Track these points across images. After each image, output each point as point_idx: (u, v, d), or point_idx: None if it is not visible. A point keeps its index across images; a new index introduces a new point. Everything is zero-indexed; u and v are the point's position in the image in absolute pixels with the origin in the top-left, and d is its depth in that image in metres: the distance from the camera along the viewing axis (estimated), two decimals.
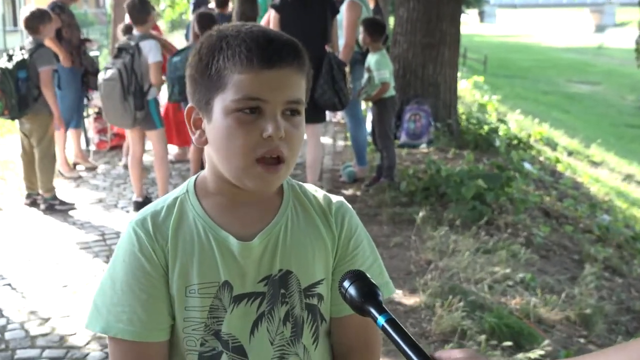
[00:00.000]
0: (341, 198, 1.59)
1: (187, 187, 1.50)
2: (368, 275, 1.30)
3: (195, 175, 1.52)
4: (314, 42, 5.92)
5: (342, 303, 1.49)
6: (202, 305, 1.42)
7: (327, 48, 6.08)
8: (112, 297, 1.42)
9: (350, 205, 1.60)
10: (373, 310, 1.24)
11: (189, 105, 1.45)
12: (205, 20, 6.57)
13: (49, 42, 7.02)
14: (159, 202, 1.49)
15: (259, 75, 1.33)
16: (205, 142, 1.43)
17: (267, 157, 1.35)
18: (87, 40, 8.46)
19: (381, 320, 1.22)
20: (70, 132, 8.05)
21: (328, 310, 1.55)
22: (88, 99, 8.28)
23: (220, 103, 1.36)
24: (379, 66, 6.67)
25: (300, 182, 1.59)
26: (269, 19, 6.18)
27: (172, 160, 8.43)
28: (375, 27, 6.79)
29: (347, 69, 6.17)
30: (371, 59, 6.76)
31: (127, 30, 7.39)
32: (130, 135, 6.54)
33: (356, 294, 1.27)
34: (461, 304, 4.17)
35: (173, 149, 8.46)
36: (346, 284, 1.29)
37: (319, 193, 1.58)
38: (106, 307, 1.42)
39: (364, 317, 1.26)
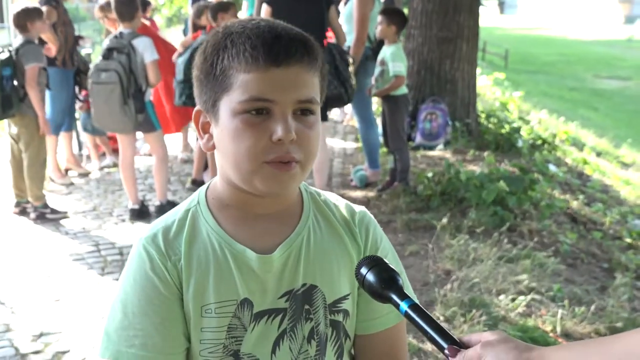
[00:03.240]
0: (363, 208, 1.60)
1: (198, 198, 1.49)
2: (386, 261, 1.32)
3: (206, 185, 1.52)
4: (311, 35, 5.96)
5: (370, 319, 1.53)
6: (219, 326, 1.41)
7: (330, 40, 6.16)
8: (123, 321, 1.40)
9: (372, 216, 1.60)
10: (394, 297, 1.26)
11: (197, 108, 1.45)
12: (217, 7, 6.60)
13: (45, 34, 7.10)
14: (170, 216, 1.48)
15: (265, 75, 1.32)
16: (213, 147, 1.42)
17: (278, 162, 1.35)
18: (80, 37, 8.50)
19: (404, 306, 1.24)
20: (62, 136, 8.08)
21: (353, 327, 1.54)
22: (80, 100, 8.30)
23: (227, 104, 1.35)
24: (395, 58, 6.68)
25: (319, 190, 1.59)
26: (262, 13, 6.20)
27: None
28: (399, 17, 6.84)
29: (350, 60, 6.21)
30: (387, 51, 6.76)
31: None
32: (120, 139, 6.54)
33: (375, 281, 1.28)
34: (483, 317, 4.17)
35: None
36: (364, 270, 1.30)
37: (340, 202, 1.58)
38: (117, 332, 1.40)
39: (384, 303, 1.28)
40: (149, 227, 1.47)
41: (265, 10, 6.02)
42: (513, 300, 4.61)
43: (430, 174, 7.03)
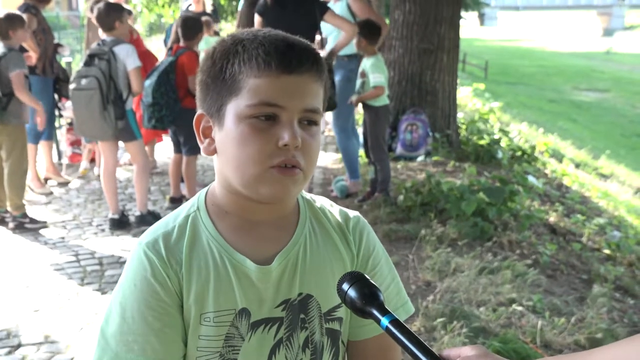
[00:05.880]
0: (357, 213, 1.60)
1: (197, 203, 1.49)
2: (367, 276, 1.32)
3: (205, 190, 1.52)
4: None
5: (361, 326, 1.53)
6: (217, 334, 1.41)
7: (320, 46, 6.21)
8: (122, 325, 1.39)
9: (366, 221, 1.61)
10: (375, 312, 1.27)
11: (199, 112, 1.45)
12: (192, 24, 6.63)
13: (27, 42, 7.08)
14: (169, 221, 1.48)
15: (276, 80, 1.34)
16: (214, 151, 1.43)
17: (282, 166, 1.36)
18: (59, 45, 8.47)
19: (385, 321, 1.25)
20: (41, 145, 8.02)
21: (346, 333, 1.56)
22: (59, 109, 8.27)
23: (234, 108, 1.36)
24: (375, 69, 6.70)
25: (314, 196, 1.60)
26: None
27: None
28: (369, 30, 6.83)
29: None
30: (366, 63, 6.79)
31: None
32: (102, 147, 6.51)
33: (356, 296, 1.29)
34: (464, 328, 4.18)
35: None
36: (345, 286, 1.31)
37: (335, 208, 1.59)
38: (115, 337, 1.39)
39: (365, 319, 1.29)
40: (148, 232, 1.46)
41: (257, 21, 6.07)
42: (494, 311, 4.62)
43: (410, 185, 7.05)
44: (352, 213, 1.59)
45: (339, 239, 1.53)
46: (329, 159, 9.34)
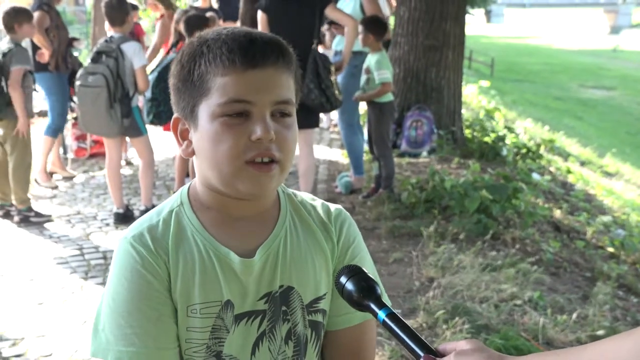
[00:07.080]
0: (339, 206, 1.61)
1: (180, 198, 1.51)
2: (365, 270, 1.33)
3: (187, 186, 1.53)
4: (299, 41, 5.97)
5: (335, 316, 1.54)
6: (203, 326, 1.43)
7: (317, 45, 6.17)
8: (118, 320, 1.39)
9: (349, 214, 1.62)
10: (373, 305, 1.28)
11: (175, 116, 1.47)
12: (194, 22, 6.61)
13: (37, 38, 7.09)
14: (153, 216, 1.49)
15: (242, 77, 1.36)
16: (193, 153, 1.44)
17: (258, 160, 1.37)
18: (74, 39, 8.47)
19: (382, 314, 1.26)
20: (47, 139, 8.02)
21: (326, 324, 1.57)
22: (73, 102, 8.26)
23: (206, 109, 1.38)
24: (380, 66, 6.70)
25: (296, 191, 1.61)
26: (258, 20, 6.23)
27: None
28: (377, 25, 6.84)
29: (332, 68, 6.21)
30: (371, 59, 6.80)
31: None
32: (107, 143, 6.53)
33: (354, 289, 1.30)
34: (465, 324, 4.19)
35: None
36: (343, 279, 1.32)
37: (317, 202, 1.60)
38: (113, 333, 1.39)
39: (363, 312, 1.30)
40: (132, 227, 1.47)
41: (261, 17, 6.04)
42: (496, 308, 4.63)
43: (414, 181, 7.04)
44: (334, 206, 1.60)
45: (320, 231, 1.55)
46: (333, 155, 9.34)
